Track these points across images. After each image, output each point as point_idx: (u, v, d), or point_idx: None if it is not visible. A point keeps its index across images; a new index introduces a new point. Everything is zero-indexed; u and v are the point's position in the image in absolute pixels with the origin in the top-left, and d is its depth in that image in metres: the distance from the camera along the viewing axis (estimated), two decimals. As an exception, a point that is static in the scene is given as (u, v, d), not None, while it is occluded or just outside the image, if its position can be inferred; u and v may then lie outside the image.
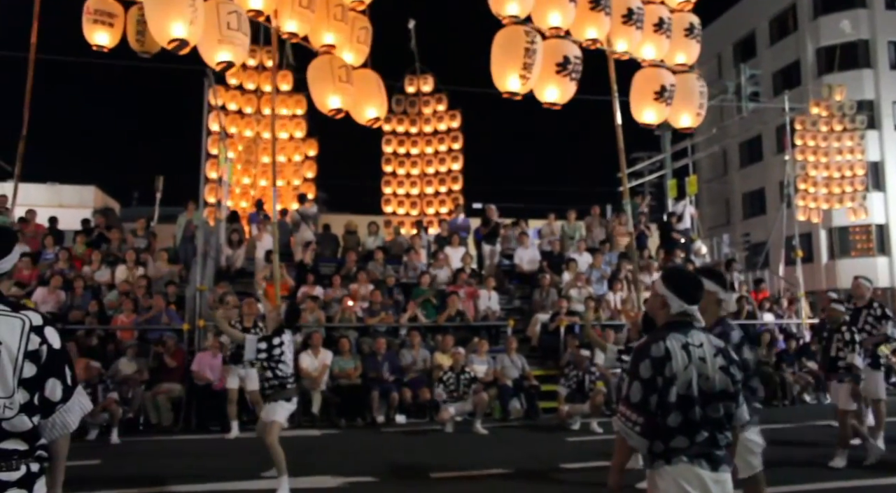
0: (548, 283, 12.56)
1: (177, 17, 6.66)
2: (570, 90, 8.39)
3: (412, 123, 17.53)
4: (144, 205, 22.67)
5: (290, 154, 16.62)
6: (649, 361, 2.77)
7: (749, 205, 33.74)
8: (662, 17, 8.80)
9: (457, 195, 17.29)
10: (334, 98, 8.17)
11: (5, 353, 2.34)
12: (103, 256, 12.01)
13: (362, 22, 8.77)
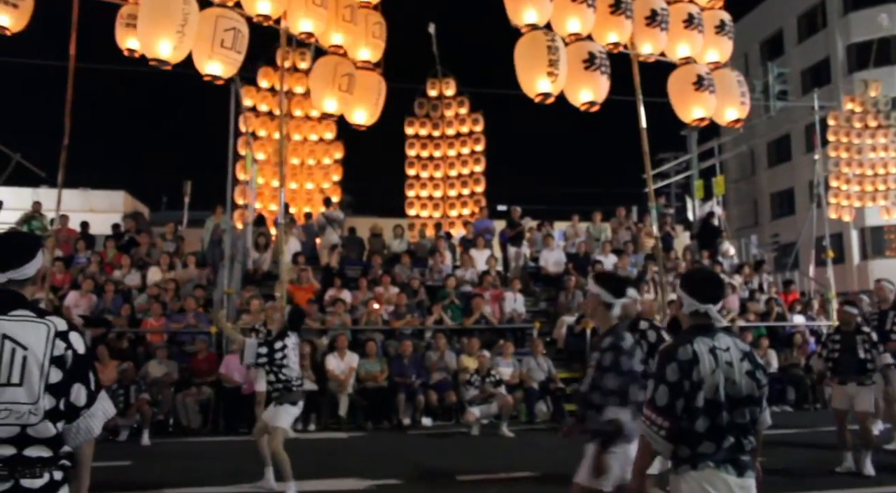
0: (573, 285, 12.50)
1: (164, 35, 6.88)
2: (603, 86, 8.26)
3: (435, 126, 17.58)
4: (173, 209, 23.00)
5: (319, 157, 16.74)
6: (676, 364, 2.74)
7: (778, 205, 33.27)
8: (692, 14, 8.67)
9: (479, 198, 17.29)
10: (331, 102, 8.31)
11: (32, 359, 2.36)
12: (133, 260, 12.19)
13: (375, 17, 8.85)
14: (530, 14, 7.98)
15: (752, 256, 17.30)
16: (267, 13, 7.61)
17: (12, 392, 2.33)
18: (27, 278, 2.51)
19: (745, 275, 14.30)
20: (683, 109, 8.84)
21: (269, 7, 7.60)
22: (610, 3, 8.39)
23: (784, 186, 32.53)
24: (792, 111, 24.60)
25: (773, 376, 11.81)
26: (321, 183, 16.74)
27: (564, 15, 8.18)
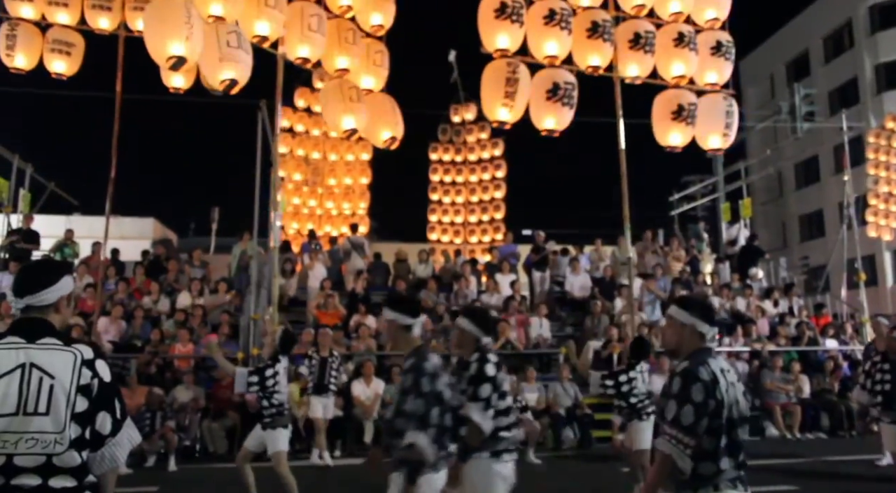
0: (599, 310, 12.40)
1: (173, 35, 6.92)
2: (565, 116, 8.54)
3: (457, 151, 17.69)
4: (200, 235, 23.30)
5: (356, 177, 16.98)
6: (701, 384, 2.85)
7: (807, 227, 32.79)
8: (683, 33, 8.77)
9: (499, 224, 17.30)
10: (347, 119, 8.37)
11: (59, 388, 2.36)
12: (162, 286, 12.35)
13: (377, 46, 8.98)
14: (503, 39, 8.26)
15: (782, 279, 17.03)
16: (265, 34, 7.73)
17: (39, 421, 2.33)
18: (48, 305, 2.51)
19: (775, 298, 14.08)
20: (660, 132, 8.97)
21: (267, 28, 7.73)
22: (587, 26, 8.56)
23: (813, 207, 32.09)
24: (819, 132, 24.36)
25: (806, 401, 11.57)
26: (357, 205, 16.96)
27: (540, 39, 8.45)
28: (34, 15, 9.29)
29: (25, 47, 9.23)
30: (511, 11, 8.31)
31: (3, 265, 12.68)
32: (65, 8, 9.23)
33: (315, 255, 13.39)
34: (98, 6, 9.13)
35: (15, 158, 15.54)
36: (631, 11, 8.92)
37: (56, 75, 9.41)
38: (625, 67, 8.81)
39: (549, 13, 8.44)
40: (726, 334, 12.51)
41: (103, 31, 9.16)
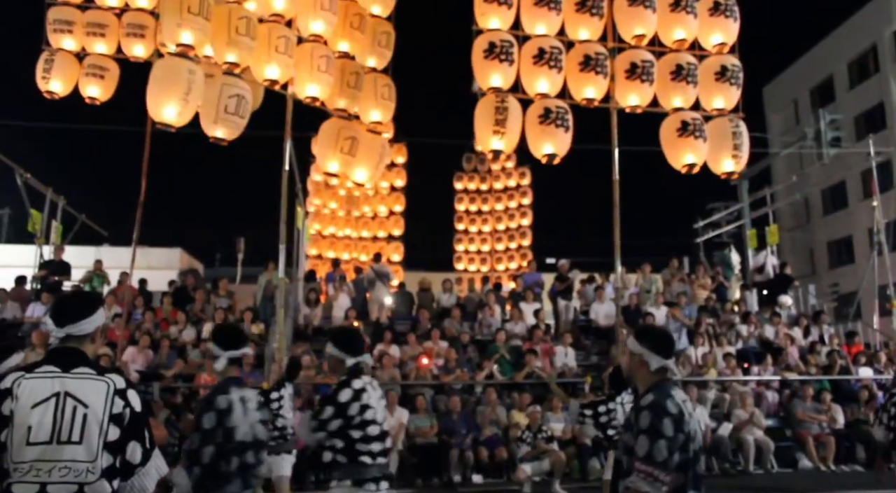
0: (624, 338, 12.25)
1: (171, 101, 7.35)
2: (561, 140, 8.63)
3: (482, 180, 17.77)
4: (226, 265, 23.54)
5: (391, 205, 17.15)
6: (670, 418, 2.84)
7: (835, 254, 32.29)
8: (681, 64, 8.80)
9: (526, 251, 17.27)
10: (333, 163, 8.66)
11: (92, 417, 2.40)
12: (188, 315, 12.47)
13: (384, 81, 9.23)
14: (495, 78, 8.52)
15: (811, 306, 16.76)
16: (275, 78, 8.01)
17: (72, 450, 2.36)
18: (86, 335, 2.59)
19: (805, 326, 13.84)
20: (672, 155, 8.95)
21: (277, 72, 8.03)
22: (579, 61, 8.70)
23: (841, 233, 31.63)
24: (846, 158, 24.09)
25: (839, 432, 11.29)
26: (382, 231, 17.09)
27: (531, 77, 8.72)
28: (75, 47, 9.60)
29: (62, 73, 9.53)
30: (500, 51, 8.55)
31: (35, 296, 12.91)
32: (102, 38, 9.54)
33: (340, 285, 13.46)
34: (132, 34, 9.41)
35: (48, 191, 15.92)
36: (631, 41, 8.97)
37: (90, 100, 9.66)
38: (623, 97, 8.87)
39: (538, 52, 8.64)
40: (755, 363, 12.30)
41: (138, 58, 9.44)
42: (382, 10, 9.53)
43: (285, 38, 8.07)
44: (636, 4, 8.75)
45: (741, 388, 11.56)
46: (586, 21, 8.81)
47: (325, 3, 8.36)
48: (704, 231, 22.74)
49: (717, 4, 9.03)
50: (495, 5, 8.75)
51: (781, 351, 12.57)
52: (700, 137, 8.75)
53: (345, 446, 3.80)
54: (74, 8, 9.60)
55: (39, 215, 15.74)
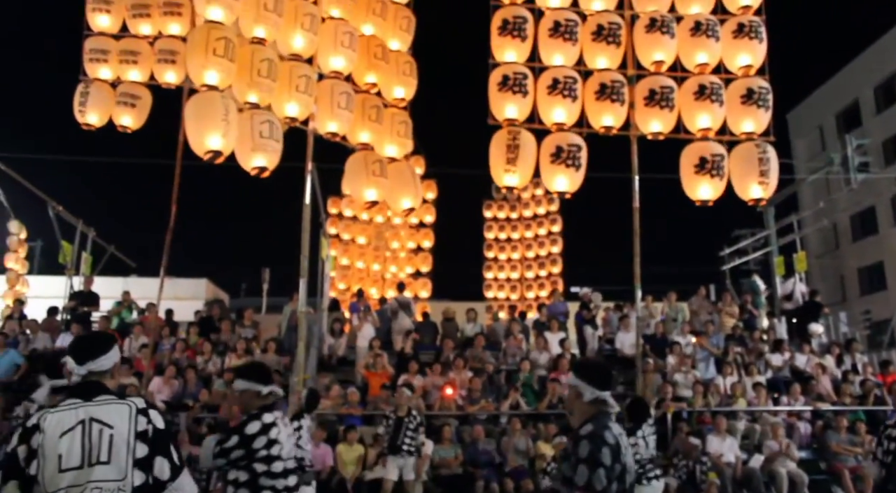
0: (651, 368, 12.11)
1: (212, 129, 7.41)
2: (573, 177, 8.75)
3: (512, 208, 17.83)
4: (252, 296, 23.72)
5: (419, 241, 17.25)
6: (608, 448, 2.89)
7: (867, 280, 31.71)
8: (704, 85, 8.78)
9: (556, 279, 17.21)
10: (370, 191, 8.74)
11: (118, 437, 2.51)
12: (214, 346, 12.55)
13: (402, 117, 9.33)
14: (510, 110, 8.61)
15: (843, 334, 16.42)
16: (294, 116, 8.14)
17: (102, 470, 2.45)
18: (105, 370, 2.79)
19: (838, 355, 13.54)
20: (688, 186, 8.95)
21: (297, 110, 8.18)
22: (595, 89, 8.75)
23: (872, 260, 31.09)
24: (875, 183, 23.81)
25: (876, 465, 10.98)
26: (410, 267, 17.19)
27: (547, 107, 8.84)
28: (111, 75, 9.88)
29: (97, 104, 9.82)
30: (513, 83, 8.74)
31: (65, 327, 13.09)
32: (135, 65, 9.83)
33: (364, 315, 13.50)
34: (164, 60, 9.67)
35: (79, 222, 16.24)
36: (651, 68, 9.00)
37: (122, 129, 9.91)
38: (645, 124, 8.88)
39: (552, 83, 8.78)
40: (786, 393, 12.05)
41: (170, 85, 9.67)
42: (401, 45, 9.67)
43: (306, 78, 8.22)
44: (654, 31, 8.84)
45: (772, 419, 11.32)
46: (604, 50, 8.93)
47: (345, 41, 8.53)
48: (731, 259, 22.50)
49: (741, 26, 9.02)
50: (509, 38, 8.90)
51: (813, 381, 12.31)
52: (717, 174, 8.73)
53: (248, 479, 3.80)
54: (110, 37, 9.91)
55: (70, 247, 16.05)
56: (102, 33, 9.97)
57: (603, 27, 8.99)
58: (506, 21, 9.15)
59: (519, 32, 9.02)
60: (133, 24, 9.95)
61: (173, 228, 9.15)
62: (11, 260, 16.69)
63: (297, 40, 8.21)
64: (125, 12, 9.93)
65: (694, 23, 9.00)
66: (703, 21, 9.01)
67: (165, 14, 9.69)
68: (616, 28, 9.00)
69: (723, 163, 8.76)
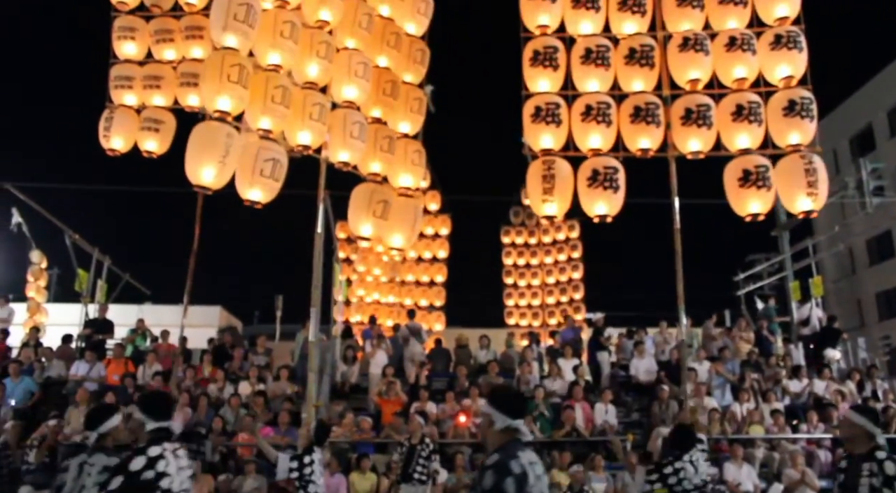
0: (667, 395, 11.98)
1: (208, 163, 7.52)
2: (612, 200, 8.72)
3: (531, 234, 17.84)
4: (265, 323, 23.74)
5: (433, 275, 17.33)
6: (513, 478, 2.86)
7: (885, 305, 31.31)
8: (741, 104, 8.69)
9: (579, 304, 17.14)
10: (366, 227, 8.77)
11: None
12: (226, 373, 12.54)
13: (415, 146, 9.41)
14: (546, 140, 8.68)
15: (861, 360, 16.18)
16: (307, 143, 8.19)
17: None
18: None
19: (858, 381, 13.32)
20: (735, 202, 8.79)
21: (310, 138, 8.22)
22: (629, 113, 8.75)
23: (890, 284, 30.72)
24: (891, 207, 23.56)
25: (898, 494, 10.74)
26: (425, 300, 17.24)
27: (582, 134, 8.88)
28: (136, 102, 10.04)
29: (121, 129, 9.97)
30: (546, 113, 8.83)
31: (80, 354, 13.15)
32: (158, 90, 9.98)
33: (377, 342, 13.48)
34: (186, 83, 9.80)
35: (95, 250, 16.39)
36: (686, 86, 8.94)
37: (147, 154, 10.04)
38: (683, 144, 8.81)
39: (585, 109, 8.83)
40: (804, 420, 11.86)
41: (193, 108, 9.79)
42: (414, 78, 9.76)
43: (320, 106, 8.25)
44: (688, 50, 8.81)
45: (791, 446, 11.14)
46: (638, 72, 8.93)
47: (358, 71, 8.57)
48: (745, 284, 22.31)
49: (779, 38, 8.90)
50: (541, 68, 8.97)
51: (833, 408, 12.10)
52: (764, 185, 8.54)
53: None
54: (135, 64, 10.09)
55: (86, 275, 16.19)
56: (129, 60, 10.15)
57: (635, 50, 9.00)
58: (537, 52, 9.24)
59: (550, 62, 9.12)
60: (157, 50, 10.15)
61: (196, 251, 9.24)
62: (32, 289, 16.86)
63: (312, 68, 8.25)
64: (149, 38, 10.13)
65: (728, 38, 8.92)
66: (737, 36, 8.91)
67: (188, 38, 9.89)
68: (649, 50, 8.99)
69: (767, 174, 8.57)
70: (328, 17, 8.32)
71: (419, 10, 9.81)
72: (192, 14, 9.96)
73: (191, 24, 10.00)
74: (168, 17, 10.18)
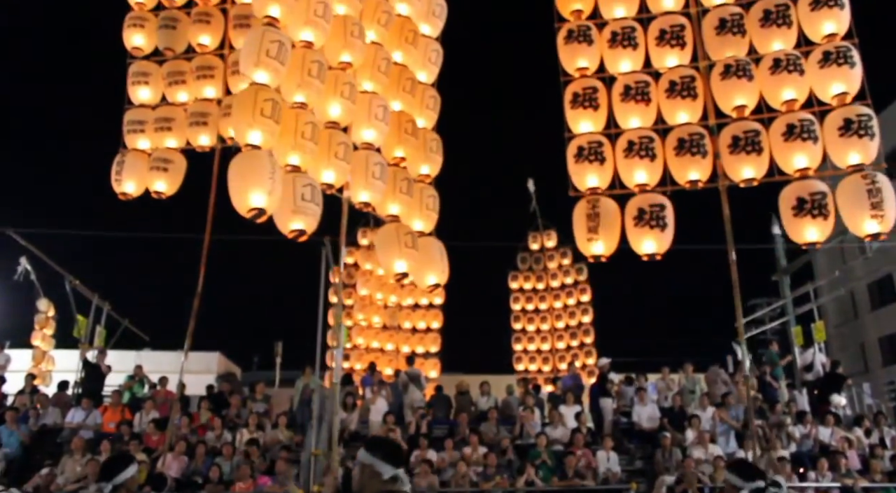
0: (670, 442, 11.80)
1: (257, 187, 7.25)
2: (661, 238, 8.57)
3: (538, 278, 17.85)
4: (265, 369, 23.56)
5: (429, 322, 17.29)
6: None
7: (889, 350, 31.11)
8: (792, 124, 8.44)
9: (590, 349, 17.02)
10: (400, 263, 8.62)
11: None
12: (224, 421, 12.38)
13: (430, 191, 9.42)
14: (591, 179, 8.67)
15: (867, 407, 15.98)
16: (331, 182, 8.16)
17: None
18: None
19: (866, 428, 13.11)
20: (792, 229, 8.52)
21: (334, 177, 8.14)
22: (674, 145, 8.74)
23: (894, 328, 30.59)
24: (890, 251, 23.55)
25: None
26: (421, 347, 17.16)
27: (627, 171, 8.82)
28: (149, 145, 10.12)
29: (133, 173, 10.02)
30: (589, 152, 8.85)
31: (76, 401, 13.01)
32: (169, 132, 10.04)
33: (377, 389, 13.35)
34: (196, 123, 9.87)
35: (94, 296, 16.36)
36: (733, 114, 8.76)
37: (157, 195, 10.05)
38: (735, 172, 8.55)
39: (627, 146, 8.80)
40: (811, 468, 11.65)
41: (203, 148, 9.86)
42: (427, 123, 9.89)
43: (344, 145, 8.22)
44: (730, 77, 8.68)
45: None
46: (681, 104, 8.88)
47: (378, 113, 8.60)
48: (748, 328, 22.19)
49: (827, 55, 8.60)
50: (581, 109, 9.07)
51: (841, 455, 11.91)
52: (820, 214, 8.22)
53: None
54: (148, 108, 10.21)
55: (85, 321, 16.12)
56: (143, 105, 10.29)
57: (675, 83, 8.96)
58: (576, 94, 9.32)
59: (591, 102, 9.19)
60: (170, 93, 10.29)
61: (201, 293, 9.20)
62: (38, 338, 16.77)
63: (335, 108, 8.24)
64: (162, 82, 10.28)
65: (773, 61, 8.71)
66: (782, 57, 8.69)
67: (199, 78, 10.01)
68: (689, 81, 8.93)
69: (825, 201, 8.23)
70: (350, 60, 8.39)
71: (430, 59, 10.00)
72: (204, 55, 10.16)
73: (202, 64, 10.18)
74: (181, 60, 10.35)
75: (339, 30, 8.28)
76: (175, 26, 10.31)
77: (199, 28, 10.19)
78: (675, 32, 9.27)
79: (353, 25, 8.43)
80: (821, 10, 8.77)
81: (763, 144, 8.53)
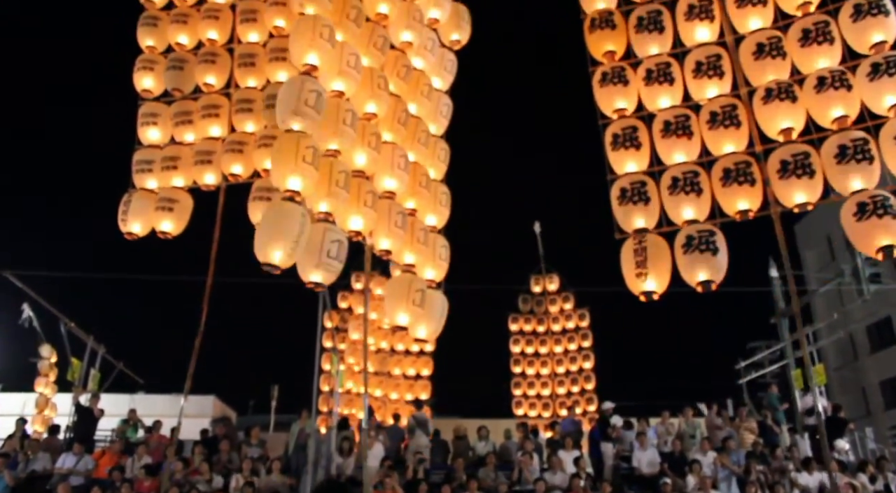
0: (670, 489, 11.61)
1: (282, 243, 7.32)
2: (713, 265, 8.30)
3: (539, 321, 17.74)
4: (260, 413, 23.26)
5: (419, 369, 17.19)
6: None
7: (891, 393, 30.85)
8: (844, 145, 8.18)
9: (591, 395, 16.84)
10: (403, 316, 8.65)
11: None
12: (213, 466, 12.16)
13: (442, 241, 9.52)
14: (639, 220, 8.69)
15: (871, 451, 15.77)
16: (359, 229, 8.22)
17: None
18: None
19: (871, 474, 12.88)
20: (862, 244, 8.29)
21: (361, 224, 8.26)
22: (719, 177, 8.59)
23: (894, 372, 30.39)
24: (888, 294, 23.63)
25: None
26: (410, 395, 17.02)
27: (675, 208, 8.68)
28: (157, 184, 10.16)
29: (139, 213, 10.04)
30: (632, 193, 8.77)
31: (67, 446, 12.80)
32: (176, 171, 10.08)
33: (375, 434, 13.18)
34: (202, 161, 9.93)
35: (89, 339, 16.24)
36: (779, 138, 8.55)
37: (163, 235, 10.05)
38: (787, 198, 8.34)
39: (672, 182, 8.69)
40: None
41: (209, 187, 9.90)
42: (437, 174, 10.02)
43: (372, 193, 8.35)
44: (772, 100, 8.48)
45: (802, 544, 10.70)
46: (724, 134, 8.71)
47: (400, 163, 8.75)
48: (747, 372, 22.05)
49: (876, 66, 8.29)
50: (623, 150, 9.02)
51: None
52: (887, 213, 7.86)
53: None
54: (156, 148, 10.29)
55: (79, 364, 15.97)
56: (152, 145, 10.38)
57: (717, 113, 8.76)
58: (616, 135, 9.25)
59: (632, 142, 9.08)
60: (178, 133, 10.38)
61: (203, 332, 9.14)
62: (41, 384, 16.59)
63: (361, 157, 8.38)
64: (170, 122, 10.39)
65: (817, 79, 8.45)
66: (826, 75, 8.41)
67: (204, 117, 10.12)
68: (731, 109, 8.73)
69: (888, 202, 7.92)
70: (375, 110, 8.57)
71: (442, 113, 10.21)
72: (210, 94, 10.28)
73: (208, 103, 10.28)
74: (188, 100, 10.48)
75: (367, 81, 8.49)
76: (182, 67, 10.47)
77: (205, 68, 10.33)
78: (711, 63, 9.07)
79: (379, 78, 8.68)
80: (864, 19, 8.47)
81: (815, 165, 8.24)
